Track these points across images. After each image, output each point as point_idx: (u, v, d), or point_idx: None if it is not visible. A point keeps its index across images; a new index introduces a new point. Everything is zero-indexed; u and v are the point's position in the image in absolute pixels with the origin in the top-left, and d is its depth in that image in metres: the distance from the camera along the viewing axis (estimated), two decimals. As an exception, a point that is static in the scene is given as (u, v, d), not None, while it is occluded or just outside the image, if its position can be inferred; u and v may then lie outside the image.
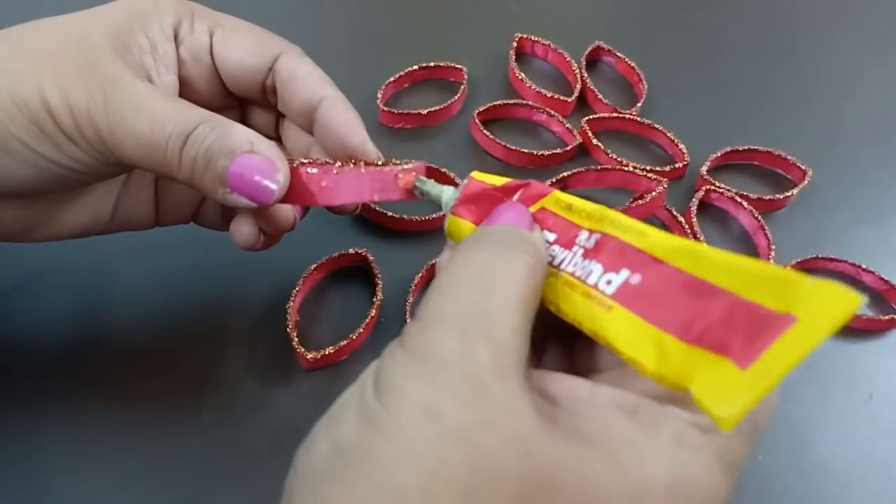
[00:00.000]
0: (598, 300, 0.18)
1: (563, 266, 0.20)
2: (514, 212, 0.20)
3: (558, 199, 0.21)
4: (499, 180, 0.22)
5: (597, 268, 0.19)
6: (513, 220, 0.20)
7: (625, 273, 0.18)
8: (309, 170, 0.24)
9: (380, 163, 0.26)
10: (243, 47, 0.26)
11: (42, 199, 0.25)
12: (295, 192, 0.24)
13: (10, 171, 0.22)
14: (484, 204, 0.22)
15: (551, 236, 0.21)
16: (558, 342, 0.22)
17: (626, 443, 0.15)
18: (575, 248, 0.20)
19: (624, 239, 0.19)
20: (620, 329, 0.17)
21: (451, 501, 0.13)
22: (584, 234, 0.20)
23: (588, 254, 0.19)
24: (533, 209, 0.21)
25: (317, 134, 0.27)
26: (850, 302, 0.14)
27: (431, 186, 0.24)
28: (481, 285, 0.16)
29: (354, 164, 0.25)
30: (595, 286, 0.18)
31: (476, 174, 0.23)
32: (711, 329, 0.15)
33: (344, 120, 0.26)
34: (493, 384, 0.15)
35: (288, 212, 0.27)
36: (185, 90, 0.26)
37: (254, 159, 0.22)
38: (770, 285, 0.15)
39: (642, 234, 0.18)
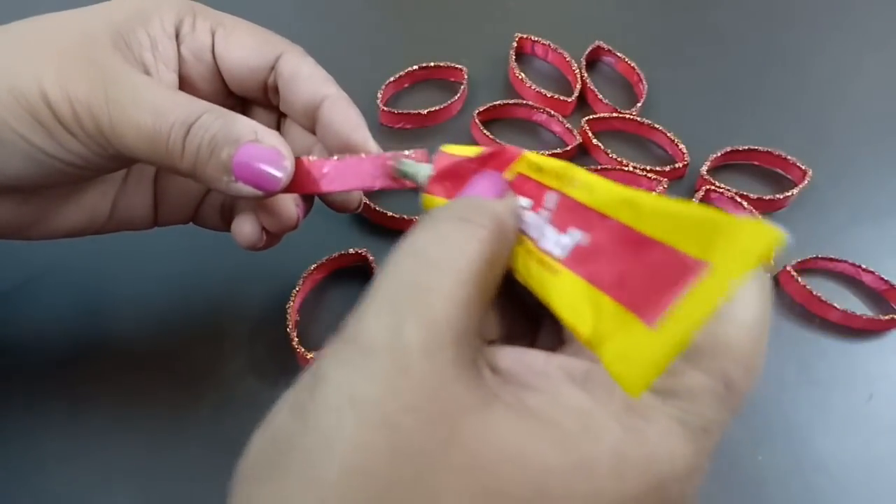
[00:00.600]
0: (548, 265, 0.17)
1: (530, 234, 0.19)
2: (487, 181, 0.19)
3: (529, 162, 0.20)
4: (471, 150, 0.21)
5: (550, 231, 0.18)
6: (484, 190, 0.19)
7: (575, 234, 0.17)
8: (311, 157, 0.24)
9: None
10: (245, 46, 0.26)
11: (39, 196, 0.25)
12: (298, 180, 0.24)
13: (4, 163, 0.22)
14: (458, 177, 0.21)
15: (526, 202, 0.19)
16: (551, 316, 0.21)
17: (573, 412, 0.14)
18: (541, 211, 0.19)
19: (577, 197, 0.17)
20: (563, 293, 0.16)
21: (372, 493, 0.13)
22: (549, 196, 0.19)
23: (550, 218, 0.18)
24: (509, 175, 0.20)
25: (319, 133, 0.27)
26: (765, 238, 0.12)
27: (409, 166, 0.23)
28: (422, 260, 0.15)
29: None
30: (548, 251, 0.17)
31: (446, 147, 0.22)
32: (634, 285, 0.14)
33: (346, 118, 0.26)
34: (421, 363, 0.14)
35: (291, 208, 0.26)
36: (186, 88, 0.26)
37: (259, 147, 0.22)
38: (694, 229, 0.13)
39: (590, 189, 0.17)
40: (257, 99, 0.28)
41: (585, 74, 0.45)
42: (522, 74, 0.44)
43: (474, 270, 0.15)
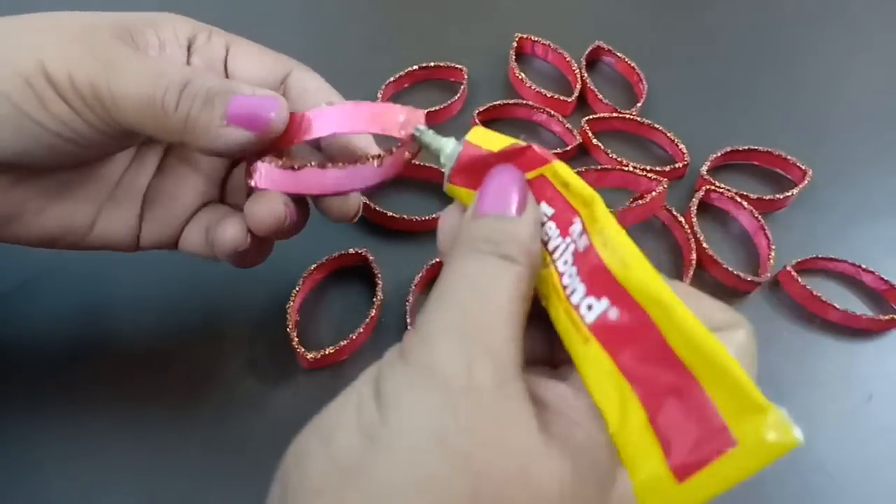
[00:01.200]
0: (577, 325, 0.18)
1: (555, 256, 0.19)
2: (509, 180, 0.20)
3: (556, 173, 0.20)
4: (497, 141, 0.20)
5: (580, 287, 0.18)
6: (505, 192, 0.19)
7: (605, 303, 0.17)
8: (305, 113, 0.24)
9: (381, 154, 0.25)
10: (257, 62, 0.26)
11: (24, 186, 0.25)
12: (291, 128, 0.24)
13: (3, 140, 0.22)
14: (480, 170, 0.21)
15: (549, 210, 0.19)
16: (539, 320, 0.21)
17: (603, 450, 0.16)
18: (567, 240, 0.19)
19: (607, 262, 0.18)
20: (593, 368, 0.17)
21: None
22: (577, 226, 0.19)
23: (577, 259, 0.18)
24: (530, 175, 0.20)
25: (324, 145, 0.27)
26: (786, 442, 0.14)
27: (431, 138, 0.23)
28: (477, 297, 0.16)
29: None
30: (577, 308, 0.18)
31: (473, 135, 0.21)
32: (667, 411, 0.15)
33: None
34: (496, 400, 0.15)
35: (279, 206, 0.25)
36: None
37: (254, 97, 0.22)
38: (729, 387, 0.15)
39: (625, 265, 0.17)
40: None
41: (585, 74, 0.45)
42: (522, 74, 0.44)
43: (518, 309, 0.17)
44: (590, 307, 0.18)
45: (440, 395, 0.15)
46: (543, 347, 0.21)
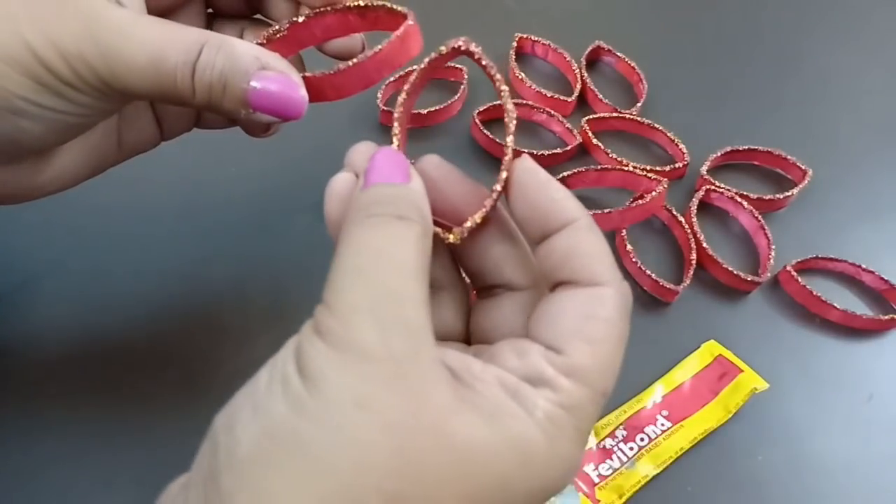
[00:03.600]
0: None
1: None
2: (391, 164, 0.20)
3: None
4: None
5: None
6: (390, 175, 0.19)
7: None
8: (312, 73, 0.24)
9: (364, 3, 0.25)
10: None
11: (49, 152, 0.24)
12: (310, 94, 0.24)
13: (25, 132, 0.22)
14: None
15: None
16: (455, 296, 0.22)
17: (513, 418, 0.17)
18: None
19: None
20: None
21: (382, 484, 0.15)
22: None
23: None
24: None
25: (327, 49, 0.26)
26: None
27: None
28: (384, 266, 0.17)
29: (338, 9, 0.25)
30: None
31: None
32: None
33: None
34: (413, 369, 0.16)
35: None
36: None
37: (268, 77, 0.22)
38: None
39: None
40: None
41: (585, 74, 0.45)
42: (522, 74, 0.44)
43: (422, 266, 0.18)
44: None
45: (360, 368, 0.16)
46: (457, 326, 0.22)
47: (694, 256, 0.37)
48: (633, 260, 0.36)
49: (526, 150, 0.40)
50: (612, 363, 0.18)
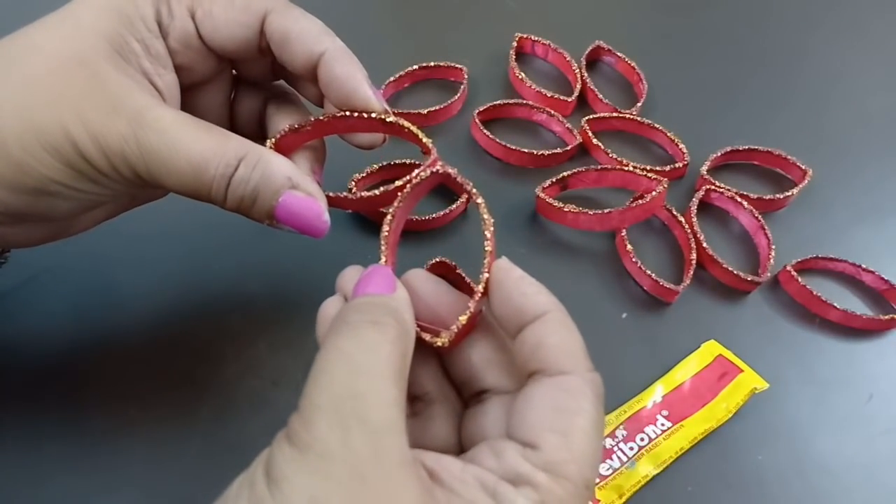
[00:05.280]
0: None
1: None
2: (378, 277, 0.21)
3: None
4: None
5: None
6: (377, 286, 0.20)
7: None
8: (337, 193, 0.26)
9: (387, 118, 0.26)
10: (229, 20, 0.25)
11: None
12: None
13: (55, 209, 0.23)
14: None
15: None
16: (448, 409, 0.22)
17: None
18: None
19: None
20: None
21: None
22: None
23: None
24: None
25: (322, 89, 0.26)
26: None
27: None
28: (350, 368, 0.17)
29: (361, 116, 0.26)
30: None
31: None
32: None
33: (345, 76, 0.25)
34: (373, 470, 0.16)
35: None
36: (183, 74, 0.26)
37: (297, 199, 0.23)
38: None
39: None
40: (254, 59, 0.27)
41: (585, 74, 0.45)
42: (522, 74, 0.44)
43: (396, 369, 0.18)
44: None
45: (319, 468, 0.16)
46: (451, 439, 0.22)
47: (694, 256, 0.37)
48: (633, 260, 0.36)
49: (526, 150, 0.40)
50: (589, 452, 0.18)
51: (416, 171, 0.24)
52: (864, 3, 0.56)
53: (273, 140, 0.26)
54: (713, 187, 0.40)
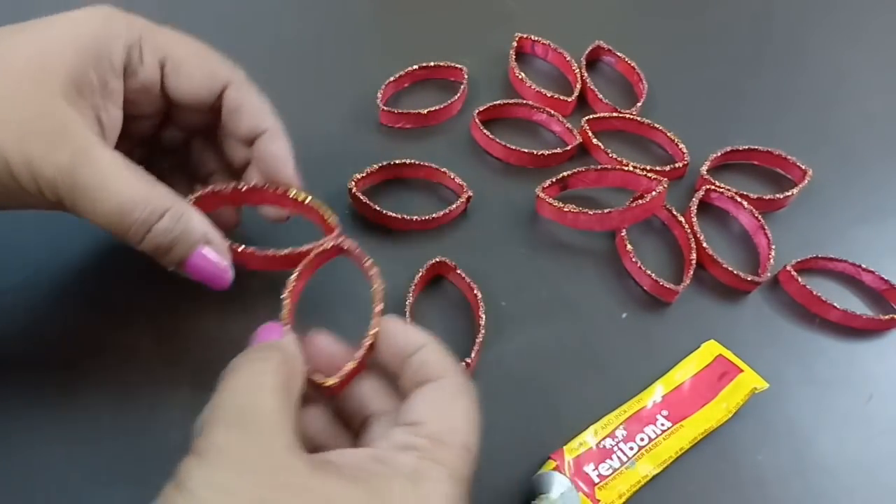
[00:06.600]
0: None
1: None
2: (268, 332, 0.24)
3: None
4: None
5: None
6: (266, 338, 0.24)
7: None
8: (242, 247, 0.29)
9: (304, 199, 0.30)
10: (193, 81, 0.28)
11: None
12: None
13: None
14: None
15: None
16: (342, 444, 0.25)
17: (377, 477, 0.20)
18: None
19: None
20: None
21: None
22: None
23: None
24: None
25: (255, 159, 0.30)
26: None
27: None
28: (239, 389, 0.21)
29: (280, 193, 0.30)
30: None
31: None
32: None
33: (279, 155, 0.29)
34: (264, 458, 0.19)
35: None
36: (129, 107, 0.27)
37: (207, 259, 0.26)
38: None
39: None
40: (201, 112, 0.29)
41: (585, 74, 0.45)
42: (522, 74, 0.44)
43: (279, 387, 0.21)
44: None
45: (217, 461, 0.19)
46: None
47: (694, 256, 0.37)
48: (633, 260, 0.36)
49: (526, 150, 0.40)
50: (466, 426, 0.22)
51: (322, 240, 0.28)
52: (864, 3, 0.56)
53: (194, 197, 0.28)
54: (713, 187, 0.40)
